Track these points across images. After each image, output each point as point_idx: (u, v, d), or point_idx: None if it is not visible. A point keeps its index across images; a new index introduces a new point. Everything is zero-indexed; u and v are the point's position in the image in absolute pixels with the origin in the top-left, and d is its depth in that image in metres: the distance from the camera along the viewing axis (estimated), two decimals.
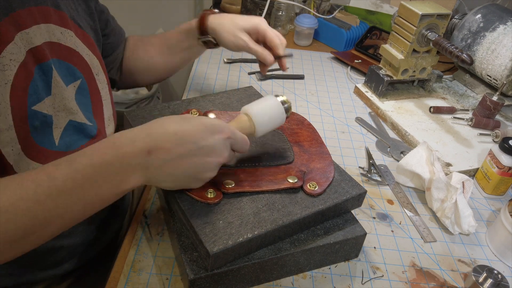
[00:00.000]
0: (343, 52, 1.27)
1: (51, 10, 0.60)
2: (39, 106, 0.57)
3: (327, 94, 1.06)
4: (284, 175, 0.59)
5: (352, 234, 0.58)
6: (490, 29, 1.00)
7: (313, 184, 0.58)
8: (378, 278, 0.60)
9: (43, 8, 0.58)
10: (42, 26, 0.58)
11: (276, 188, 0.57)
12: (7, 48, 0.52)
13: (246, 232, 0.51)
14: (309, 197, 0.57)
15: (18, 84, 0.54)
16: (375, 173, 0.80)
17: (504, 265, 0.65)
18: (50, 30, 0.60)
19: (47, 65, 0.58)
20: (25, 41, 0.55)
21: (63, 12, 0.63)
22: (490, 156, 0.77)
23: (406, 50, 0.95)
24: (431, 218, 0.72)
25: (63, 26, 0.62)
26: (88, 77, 0.67)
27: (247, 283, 0.55)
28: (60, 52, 0.61)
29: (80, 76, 0.65)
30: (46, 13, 0.59)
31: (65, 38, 0.62)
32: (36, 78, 0.56)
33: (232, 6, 1.47)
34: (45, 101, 0.58)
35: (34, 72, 0.56)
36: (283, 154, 0.63)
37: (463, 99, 1.06)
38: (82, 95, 0.66)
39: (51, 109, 0.60)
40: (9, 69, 0.53)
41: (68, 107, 0.62)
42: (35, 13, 0.57)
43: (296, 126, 0.70)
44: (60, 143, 0.62)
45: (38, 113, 0.57)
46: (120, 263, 0.57)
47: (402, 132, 0.91)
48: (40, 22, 0.58)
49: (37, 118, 0.57)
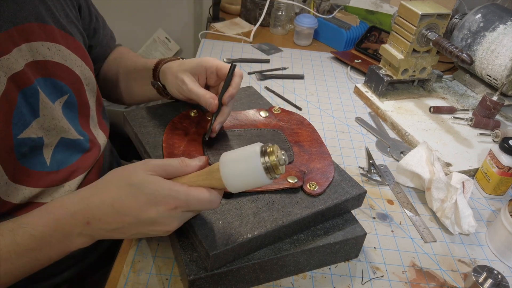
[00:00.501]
0: (343, 52, 1.27)
1: (35, 26, 0.57)
2: (27, 133, 0.55)
3: (327, 94, 1.06)
4: (284, 175, 0.59)
5: (352, 234, 0.58)
6: (490, 29, 1.00)
7: (313, 184, 0.58)
8: (378, 278, 0.60)
9: (24, 26, 0.55)
10: (23, 47, 0.55)
11: (276, 188, 0.57)
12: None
13: (246, 232, 0.51)
14: (309, 197, 0.57)
15: (1, 117, 0.51)
16: (375, 173, 0.80)
17: (504, 265, 0.65)
18: (34, 49, 0.57)
19: (31, 89, 0.55)
20: (5, 68, 0.52)
21: (49, 24, 0.59)
22: (490, 156, 0.77)
23: (406, 50, 0.95)
24: (431, 218, 0.72)
25: (49, 40, 0.59)
26: (78, 90, 0.65)
27: (247, 283, 0.55)
28: (45, 70, 0.59)
29: (68, 90, 0.63)
30: (28, 31, 0.56)
31: (52, 53, 0.60)
32: (20, 104, 0.54)
33: (232, 6, 1.47)
34: (32, 125, 0.56)
35: (18, 98, 0.53)
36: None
37: (463, 99, 1.06)
38: (69, 109, 0.64)
39: (40, 131, 0.58)
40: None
41: (58, 125, 0.60)
42: (14, 35, 0.54)
43: (296, 126, 0.70)
44: (52, 162, 0.61)
45: (26, 140, 0.55)
46: (120, 263, 0.57)
47: (402, 132, 0.91)
48: (21, 43, 0.55)
49: (24, 145, 0.55)
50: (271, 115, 0.72)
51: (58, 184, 0.62)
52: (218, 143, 0.63)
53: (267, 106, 0.75)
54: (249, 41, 1.27)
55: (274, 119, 0.71)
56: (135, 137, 0.65)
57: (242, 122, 0.69)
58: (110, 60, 0.82)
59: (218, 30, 1.32)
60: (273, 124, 0.70)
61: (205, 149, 0.62)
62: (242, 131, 0.67)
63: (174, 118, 0.67)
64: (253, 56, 1.19)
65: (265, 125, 0.69)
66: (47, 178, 0.60)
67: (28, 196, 0.58)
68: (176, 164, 0.48)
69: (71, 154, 0.64)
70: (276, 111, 0.73)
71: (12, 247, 0.45)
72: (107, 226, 0.46)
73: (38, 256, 0.46)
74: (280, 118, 0.71)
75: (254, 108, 0.73)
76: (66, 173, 0.63)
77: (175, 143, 0.62)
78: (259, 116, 0.71)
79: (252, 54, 1.21)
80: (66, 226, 0.46)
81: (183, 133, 0.64)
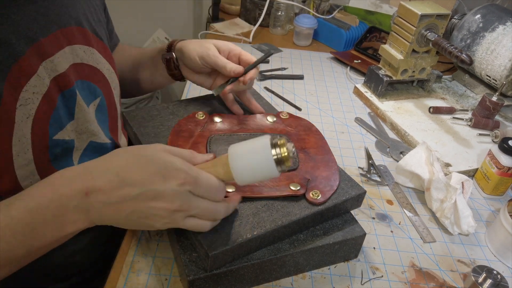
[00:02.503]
0: (342, 52, 1.27)
1: (74, 29, 0.58)
2: (61, 134, 0.56)
3: (327, 94, 1.06)
4: (287, 182, 0.58)
5: (352, 235, 0.58)
6: (489, 29, 1.00)
7: (316, 193, 0.57)
8: (377, 278, 0.60)
9: (67, 30, 0.56)
10: (66, 49, 0.56)
11: (278, 195, 0.56)
12: (30, 82, 0.50)
13: (245, 233, 0.51)
14: None
15: (40, 116, 0.52)
16: (375, 173, 0.80)
17: (504, 265, 0.65)
18: (74, 52, 0.58)
19: (71, 91, 0.56)
20: (49, 70, 0.53)
21: (85, 28, 0.61)
22: (490, 157, 0.77)
23: (405, 50, 0.95)
24: (430, 218, 0.72)
25: (85, 44, 0.60)
26: (107, 93, 0.66)
27: (247, 283, 0.55)
28: (83, 73, 0.60)
29: (100, 93, 0.64)
30: (70, 34, 0.57)
31: (87, 56, 0.61)
32: (59, 106, 0.55)
33: (231, 6, 1.47)
34: (67, 127, 0.57)
35: (57, 100, 0.54)
36: None
37: (463, 99, 1.06)
38: (100, 113, 0.65)
39: (73, 133, 0.58)
40: (32, 102, 0.51)
41: (89, 129, 0.61)
42: (60, 38, 0.55)
43: (303, 132, 0.69)
44: None
45: (60, 141, 0.56)
46: (119, 263, 0.57)
47: (402, 132, 0.91)
48: (65, 45, 0.56)
49: (58, 147, 0.56)
50: (278, 120, 0.70)
51: None
52: (223, 146, 0.63)
53: (267, 106, 0.75)
54: (248, 41, 1.27)
55: (282, 124, 0.70)
56: (135, 137, 0.65)
57: (249, 126, 0.69)
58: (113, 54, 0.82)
59: (218, 30, 1.32)
60: (280, 129, 0.69)
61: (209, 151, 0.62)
62: (248, 135, 0.67)
63: (180, 120, 0.67)
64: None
65: (272, 130, 0.68)
66: None
67: None
68: (185, 153, 0.48)
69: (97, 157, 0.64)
70: (284, 116, 0.71)
71: (7, 222, 0.42)
72: (105, 198, 0.43)
73: (32, 234, 0.44)
74: (288, 123, 0.70)
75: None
76: None
77: (180, 145, 0.62)
78: (266, 121, 0.70)
79: (252, 54, 1.20)
80: (63, 197, 0.43)
81: (188, 135, 0.64)
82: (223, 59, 0.65)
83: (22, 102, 0.50)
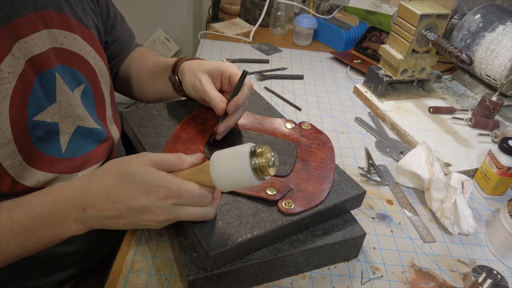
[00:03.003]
0: (342, 52, 1.27)
1: (54, 14, 0.59)
2: (42, 116, 0.57)
3: (327, 94, 1.06)
4: (266, 185, 0.56)
5: (352, 235, 0.58)
6: (489, 29, 1.00)
7: (289, 203, 0.54)
8: (377, 278, 0.60)
9: (44, 13, 0.57)
10: (43, 32, 0.57)
11: (250, 194, 0.55)
12: (4, 61, 0.51)
13: (245, 233, 0.51)
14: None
15: (17, 96, 0.53)
16: (375, 173, 0.80)
17: (504, 265, 0.65)
18: (52, 36, 0.58)
19: (49, 73, 0.57)
20: (23, 51, 0.54)
21: (67, 14, 0.61)
22: (490, 156, 0.77)
23: (405, 50, 0.95)
24: (430, 218, 0.72)
25: (66, 29, 0.61)
26: (93, 80, 0.67)
27: (247, 283, 0.55)
28: (63, 58, 0.60)
29: (84, 80, 0.65)
30: (48, 18, 0.58)
31: (68, 42, 0.61)
32: (37, 87, 0.55)
33: (231, 6, 1.47)
34: (48, 109, 0.57)
35: (35, 82, 0.55)
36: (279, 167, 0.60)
37: (463, 99, 1.06)
38: (86, 99, 0.66)
39: (56, 116, 0.59)
40: (8, 82, 0.52)
41: (75, 113, 0.62)
42: (35, 20, 0.55)
43: (315, 146, 0.66)
44: (67, 150, 0.62)
45: (41, 123, 0.57)
46: (119, 264, 0.57)
47: (402, 132, 0.91)
48: (42, 28, 0.56)
49: (39, 128, 0.57)
50: (297, 128, 0.69)
51: (72, 172, 0.63)
52: (226, 140, 0.64)
53: (267, 106, 0.75)
54: (248, 41, 1.27)
55: (298, 133, 0.68)
56: (135, 137, 0.65)
57: (263, 128, 0.68)
58: (131, 58, 0.84)
59: (218, 30, 1.32)
60: (293, 137, 0.67)
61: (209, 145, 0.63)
62: (256, 135, 0.67)
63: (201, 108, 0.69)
64: (252, 57, 1.19)
65: (284, 136, 0.67)
66: (61, 165, 0.62)
67: (42, 181, 0.59)
68: (171, 160, 0.49)
69: (87, 143, 0.65)
70: (305, 126, 0.70)
71: (9, 224, 0.46)
72: (101, 213, 0.47)
73: (31, 237, 0.48)
74: (305, 134, 0.68)
75: (254, 109, 0.73)
76: (80, 162, 0.65)
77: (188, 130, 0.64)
78: (283, 127, 0.69)
79: (252, 54, 1.21)
80: (63, 210, 0.48)
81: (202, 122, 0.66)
82: (210, 94, 0.63)
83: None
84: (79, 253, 0.69)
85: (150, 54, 0.84)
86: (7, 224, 0.46)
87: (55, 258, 0.65)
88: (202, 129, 0.66)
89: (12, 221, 0.47)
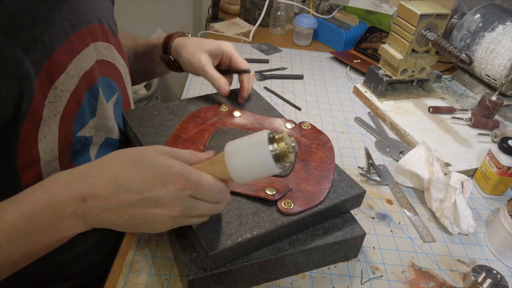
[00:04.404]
0: (342, 52, 1.27)
1: (97, 27, 0.59)
2: (83, 131, 0.56)
3: (326, 94, 1.06)
4: (265, 185, 0.56)
5: (351, 234, 0.58)
6: (489, 29, 1.00)
7: (289, 203, 0.54)
8: (377, 278, 0.60)
9: (91, 27, 0.57)
10: (91, 46, 0.57)
11: (250, 194, 0.55)
12: (59, 79, 0.51)
13: (245, 233, 0.51)
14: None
15: (67, 114, 0.52)
16: (374, 173, 0.80)
17: (503, 265, 0.65)
18: (97, 48, 0.59)
19: (95, 88, 0.57)
20: (78, 68, 0.53)
21: (104, 25, 0.61)
22: (489, 156, 0.77)
23: (405, 50, 0.95)
24: (430, 218, 0.72)
25: (105, 40, 0.61)
26: (122, 88, 0.67)
27: (246, 283, 0.55)
28: (103, 69, 0.60)
29: (117, 89, 0.65)
30: (93, 31, 0.58)
31: (107, 53, 0.62)
32: (85, 103, 0.55)
33: (231, 6, 1.47)
34: (89, 124, 0.57)
35: (84, 98, 0.55)
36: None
37: (462, 99, 1.06)
38: (117, 108, 0.66)
39: (93, 130, 0.59)
40: (60, 100, 0.51)
41: (107, 125, 0.62)
42: (85, 35, 0.55)
43: (315, 146, 0.66)
44: None
45: (82, 138, 0.56)
46: (119, 263, 0.57)
47: (401, 132, 0.91)
48: (89, 42, 0.56)
49: (79, 143, 0.56)
50: (297, 129, 0.69)
51: None
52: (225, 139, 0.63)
53: (266, 106, 0.75)
54: (248, 41, 1.27)
55: (298, 133, 0.68)
56: (134, 137, 0.65)
57: (263, 127, 0.68)
58: None
59: (218, 30, 1.32)
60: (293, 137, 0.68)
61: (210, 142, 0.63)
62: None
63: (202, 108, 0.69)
64: (252, 56, 1.19)
65: None
66: None
67: None
68: (186, 153, 0.46)
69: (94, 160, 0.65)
70: (305, 126, 0.69)
71: (1, 227, 0.41)
72: (103, 204, 0.42)
73: (28, 239, 0.43)
74: (305, 134, 0.68)
75: (254, 109, 0.73)
76: None
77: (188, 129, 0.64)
78: (283, 127, 0.69)
79: (251, 54, 1.21)
80: (59, 202, 0.42)
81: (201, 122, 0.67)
82: (212, 74, 0.65)
83: (51, 99, 0.50)
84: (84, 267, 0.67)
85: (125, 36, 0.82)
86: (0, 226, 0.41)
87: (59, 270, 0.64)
88: (202, 128, 0.66)
89: (4, 223, 0.41)
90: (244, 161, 0.42)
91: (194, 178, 0.43)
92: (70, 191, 0.43)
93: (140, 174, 0.42)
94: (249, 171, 0.42)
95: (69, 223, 0.44)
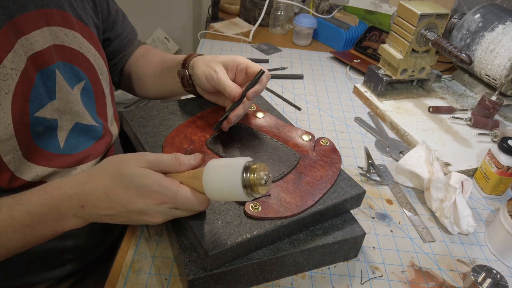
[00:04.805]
0: (342, 52, 1.27)
1: (54, 12, 0.59)
2: (42, 112, 0.57)
3: (326, 94, 1.06)
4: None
5: (351, 234, 0.58)
6: (489, 29, 1.00)
7: (256, 205, 0.53)
8: (377, 278, 0.60)
9: (45, 10, 0.58)
10: (45, 29, 0.57)
11: None
12: (7, 57, 0.52)
13: (245, 232, 0.51)
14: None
15: (20, 92, 0.54)
16: (374, 173, 0.80)
17: (503, 265, 0.65)
18: (54, 33, 0.59)
19: (49, 70, 0.58)
20: (25, 48, 0.54)
21: (67, 12, 0.62)
22: (489, 156, 0.77)
23: (405, 50, 0.95)
24: (430, 218, 0.72)
25: (67, 27, 0.62)
26: (93, 77, 0.67)
27: (246, 283, 0.55)
28: (64, 55, 0.61)
29: (84, 77, 0.65)
30: (49, 15, 0.58)
31: (69, 39, 0.62)
32: (38, 84, 0.56)
33: (231, 6, 1.47)
34: (48, 106, 0.58)
35: (36, 78, 0.56)
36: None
37: (462, 99, 1.06)
38: (86, 96, 0.66)
39: (55, 113, 0.60)
40: (10, 78, 0.52)
41: (73, 110, 0.62)
42: (36, 17, 0.56)
43: (321, 163, 0.63)
44: (65, 146, 0.63)
45: (41, 119, 0.57)
46: (119, 263, 0.57)
47: (401, 132, 0.91)
48: (43, 25, 0.57)
49: (40, 124, 0.58)
50: (312, 142, 0.66)
51: (70, 167, 0.64)
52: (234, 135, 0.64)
53: (266, 106, 0.75)
54: (248, 41, 1.27)
55: (311, 147, 0.66)
56: (134, 137, 0.65)
57: (278, 133, 0.67)
58: (137, 55, 0.84)
59: (217, 30, 1.32)
60: (303, 149, 0.65)
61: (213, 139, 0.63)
62: (266, 137, 0.66)
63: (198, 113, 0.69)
64: (252, 56, 1.19)
65: (295, 146, 0.65)
66: (60, 160, 0.62)
67: (40, 175, 0.60)
68: (169, 161, 0.49)
69: (85, 140, 0.66)
70: (323, 142, 0.66)
71: (9, 221, 0.48)
72: (99, 211, 0.49)
73: (32, 232, 0.49)
74: (318, 149, 0.65)
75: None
76: (79, 158, 0.65)
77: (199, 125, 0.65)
78: (299, 137, 0.67)
79: (251, 54, 1.21)
80: (62, 207, 0.49)
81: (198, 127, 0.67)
82: (225, 82, 0.63)
83: (1, 77, 0.52)
84: (78, 249, 0.69)
85: (156, 51, 0.84)
86: (8, 221, 0.47)
87: (53, 253, 0.66)
88: (204, 129, 0.66)
89: (12, 218, 0.48)
90: (218, 181, 0.45)
91: (171, 194, 0.47)
92: (71, 199, 0.49)
93: (124, 191, 0.47)
94: (220, 191, 0.46)
95: (70, 222, 0.50)
